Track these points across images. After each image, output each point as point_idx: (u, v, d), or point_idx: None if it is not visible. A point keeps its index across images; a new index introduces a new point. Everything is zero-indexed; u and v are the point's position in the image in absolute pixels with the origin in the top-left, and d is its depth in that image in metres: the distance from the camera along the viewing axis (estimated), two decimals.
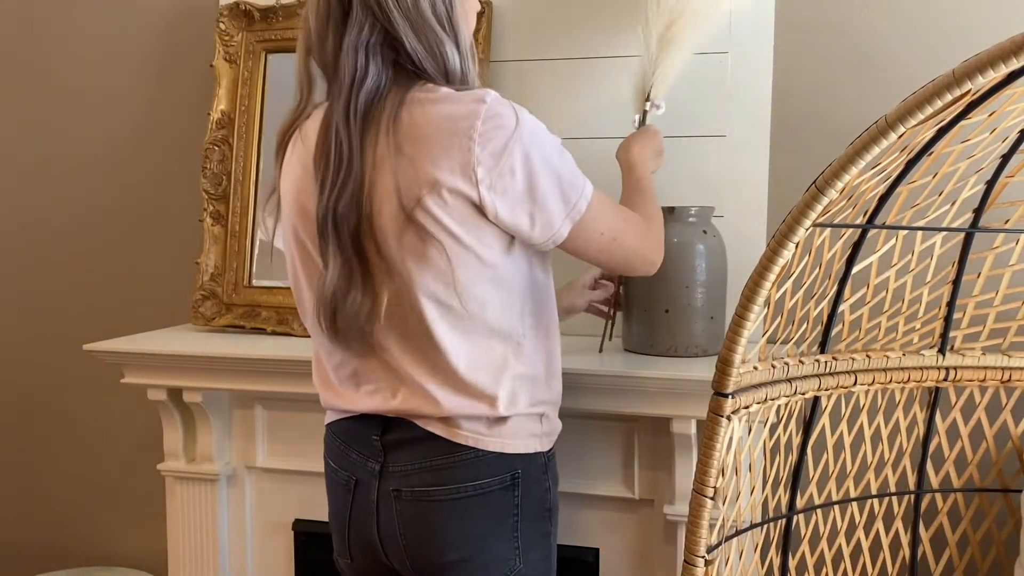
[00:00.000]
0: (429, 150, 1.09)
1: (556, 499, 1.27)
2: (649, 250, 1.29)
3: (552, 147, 1.14)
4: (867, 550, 1.50)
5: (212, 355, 1.67)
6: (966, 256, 1.42)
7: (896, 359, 1.39)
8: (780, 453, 1.37)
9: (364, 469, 1.22)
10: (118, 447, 2.18)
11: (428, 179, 1.09)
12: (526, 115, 1.12)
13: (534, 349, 1.21)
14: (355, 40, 1.10)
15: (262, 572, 1.83)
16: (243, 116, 1.86)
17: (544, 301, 1.23)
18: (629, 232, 1.25)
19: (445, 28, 1.13)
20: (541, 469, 1.23)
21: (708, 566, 1.17)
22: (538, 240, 1.15)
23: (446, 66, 1.14)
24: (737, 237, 1.61)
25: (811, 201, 1.00)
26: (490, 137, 1.08)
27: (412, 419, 1.18)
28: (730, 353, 1.11)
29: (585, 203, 1.17)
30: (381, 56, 1.11)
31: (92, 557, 2.23)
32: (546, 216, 1.13)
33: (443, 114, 1.10)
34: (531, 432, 1.21)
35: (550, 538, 1.25)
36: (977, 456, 1.50)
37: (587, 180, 1.18)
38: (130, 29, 2.10)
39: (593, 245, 1.21)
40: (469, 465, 1.17)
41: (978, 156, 1.29)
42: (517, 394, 1.18)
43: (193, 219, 1.92)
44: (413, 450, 1.18)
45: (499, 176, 1.09)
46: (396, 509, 1.19)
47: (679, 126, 1.67)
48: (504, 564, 1.19)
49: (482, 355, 1.16)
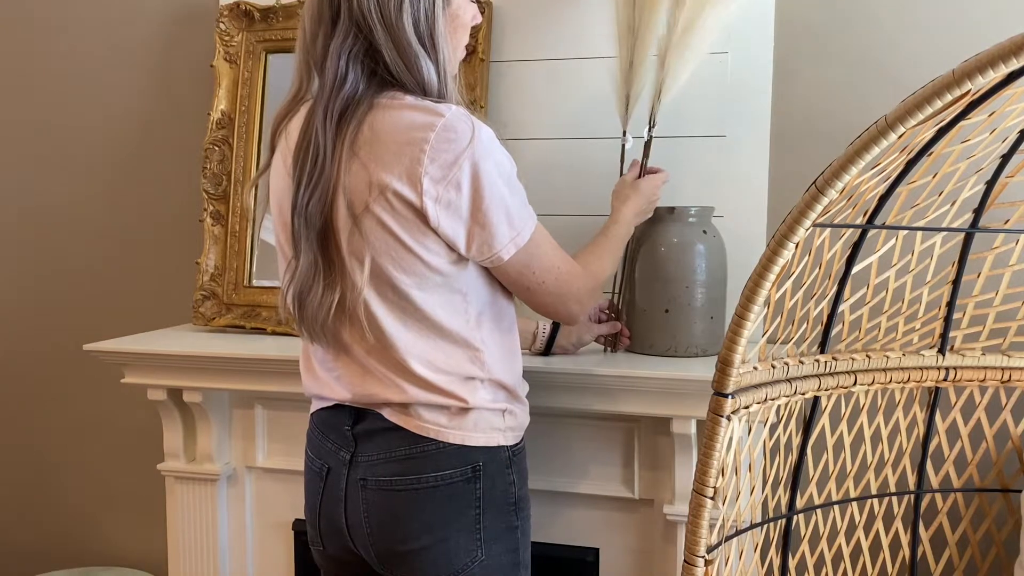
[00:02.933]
0: (381, 156, 1.13)
1: (524, 493, 1.28)
2: (575, 301, 1.29)
3: (504, 172, 1.16)
4: (867, 550, 1.50)
5: (212, 355, 1.67)
6: (966, 256, 1.42)
7: (896, 359, 1.39)
8: (780, 453, 1.37)
9: (336, 458, 1.25)
10: (118, 447, 2.18)
11: (377, 183, 1.13)
12: (485, 135, 1.14)
13: (496, 358, 1.23)
14: (339, 46, 1.14)
15: (262, 572, 1.83)
16: (243, 116, 1.86)
17: (503, 314, 1.25)
18: (562, 279, 1.25)
19: (425, 45, 1.15)
20: (505, 463, 1.24)
21: (708, 566, 1.17)
22: (475, 258, 1.17)
23: (424, 80, 1.16)
24: (737, 237, 1.61)
25: (811, 201, 1.01)
26: (441, 149, 1.11)
27: (379, 409, 1.21)
28: (730, 353, 1.11)
29: (529, 233, 1.19)
30: (361, 65, 1.15)
31: (92, 557, 2.23)
32: (487, 236, 1.15)
33: (402, 122, 1.13)
34: (493, 426, 1.22)
35: (517, 532, 1.26)
36: (977, 456, 1.50)
37: (533, 214, 1.21)
38: (130, 29, 2.10)
39: (524, 279, 1.22)
40: (430, 457, 1.19)
41: (978, 156, 1.29)
42: (478, 392, 1.21)
43: (193, 219, 1.92)
44: (380, 441, 1.22)
45: (445, 188, 1.12)
46: (362, 498, 1.22)
47: (679, 126, 1.67)
48: (466, 554, 1.21)
49: (440, 358, 1.19)
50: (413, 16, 1.14)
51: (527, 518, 1.29)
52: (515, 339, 1.28)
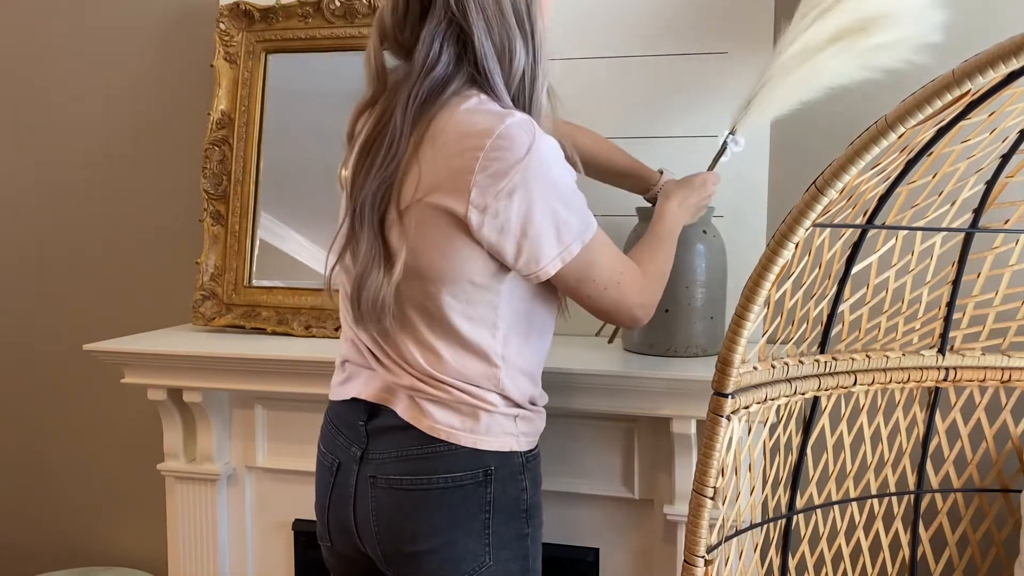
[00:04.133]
0: (436, 156, 1.12)
1: (536, 501, 1.26)
2: (637, 307, 1.26)
3: (560, 184, 1.14)
4: (867, 550, 1.50)
5: (212, 355, 1.67)
6: (966, 256, 1.42)
7: (896, 359, 1.39)
8: (780, 453, 1.37)
9: (347, 453, 1.24)
10: (118, 447, 2.18)
11: (424, 184, 1.12)
12: (544, 146, 1.11)
13: (514, 375, 1.21)
14: (432, 31, 1.13)
15: (262, 572, 1.83)
16: (243, 116, 1.86)
17: (535, 328, 1.23)
18: (623, 285, 1.23)
19: (523, 24, 1.14)
20: (518, 468, 1.22)
21: (708, 566, 1.17)
22: (522, 271, 1.16)
23: (511, 70, 1.14)
24: (737, 237, 1.61)
25: (811, 201, 1.01)
26: (495, 158, 1.09)
27: (392, 406, 1.20)
28: (730, 353, 1.11)
29: (580, 247, 1.16)
30: (453, 49, 1.14)
31: (92, 557, 2.23)
32: (533, 250, 1.13)
33: (463, 125, 1.11)
34: (506, 431, 1.21)
35: (527, 540, 1.24)
36: (977, 456, 1.50)
37: (591, 224, 1.18)
38: (130, 29, 2.10)
39: (584, 288, 1.20)
40: (442, 458, 1.18)
41: (978, 156, 1.29)
42: (492, 400, 1.20)
43: (193, 219, 1.92)
44: (392, 438, 1.20)
45: (494, 198, 1.10)
46: (371, 495, 1.21)
47: (679, 126, 1.67)
48: (473, 559, 1.19)
49: (459, 364, 1.18)
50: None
51: (539, 526, 1.27)
52: (543, 348, 1.26)
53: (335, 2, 1.80)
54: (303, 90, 1.85)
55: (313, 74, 1.84)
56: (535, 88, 1.18)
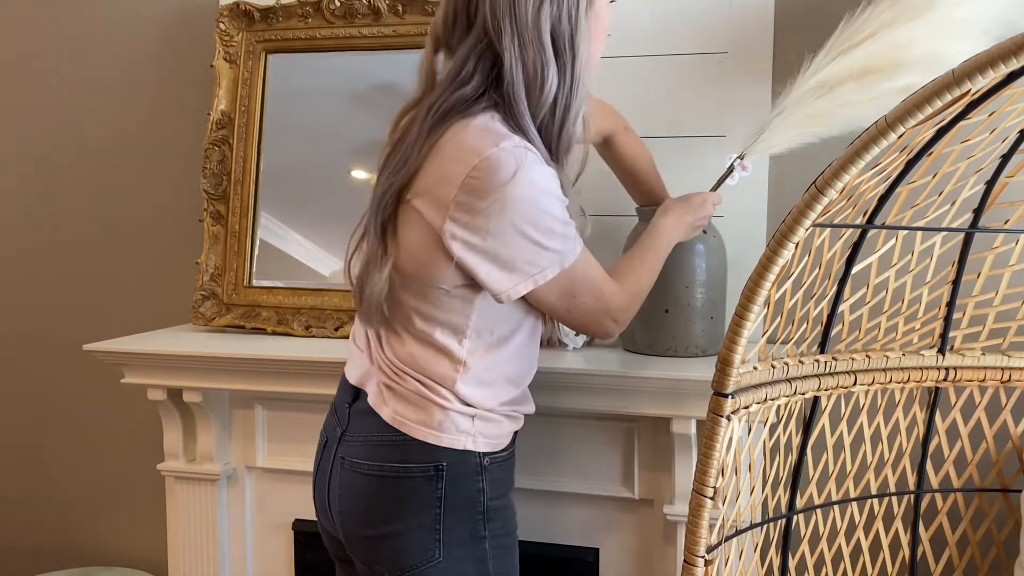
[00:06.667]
0: (432, 166, 1.14)
1: (498, 505, 1.24)
2: (612, 323, 1.26)
3: (541, 212, 1.13)
4: (867, 550, 1.50)
5: (212, 355, 1.67)
6: (966, 256, 1.42)
7: (896, 359, 1.39)
8: (780, 453, 1.37)
9: (333, 433, 1.28)
10: (118, 447, 2.18)
11: (415, 190, 1.15)
12: (531, 175, 1.11)
13: (476, 380, 1.21)
14: (469, 48, 1.14)
15: (262, 572, 1.83)
16: (243, 116, 1.86)
17: (509, 343, 1.23)
18: (601, 302, 1.23)
19: (560, 49, 1.13)
20: (474, 469, 1.22)
21: (708, 566, 1.17)
22: (491, 291, 1.16)
23: (541, 94, 1.13)
24: (737, 237, 1.61)
25: (811, 201, 1.01)
26: (476, 178, 1.10)
27: (367, 391, 1.24)
28: (730, 353, 1.11)
29: (557, 271, 1.16)
30: (484, 69, 1.14)
31: (92, 557, 2.23)
32: (505, 271, 1.14)
33: (461, 141, 1.13)
34: (461, 429, 1.21)
35: (484, 543, 1.22)
36: (977, 456, 1.50)
37: (573, 249, 1.17)
38: (130, 29, 2.10)
39: (562, 305, 1.21)
40: (397, 447, 1.20)
41: (978, 156, 1.29)
42: (447, 396, 1.21)
43: (193, 219, 1.92)
44: (362, 423, 1.24)
45: (471, 217, 1.11)
46: (339, 476, 1.24)
47: (679, 126, 1.67)
48: (421, 552, 1.20)
49: (421, 358, 1.20)
50: (552, 15, 1.11)
51: (504, 533, 1.26)
52: (518, 363, 1.26)
53: (335, 2, 1.80)
54: (303, 90, 1.85)
55: (313, 74, 1.84)
56: (567, 117, 1.16)
